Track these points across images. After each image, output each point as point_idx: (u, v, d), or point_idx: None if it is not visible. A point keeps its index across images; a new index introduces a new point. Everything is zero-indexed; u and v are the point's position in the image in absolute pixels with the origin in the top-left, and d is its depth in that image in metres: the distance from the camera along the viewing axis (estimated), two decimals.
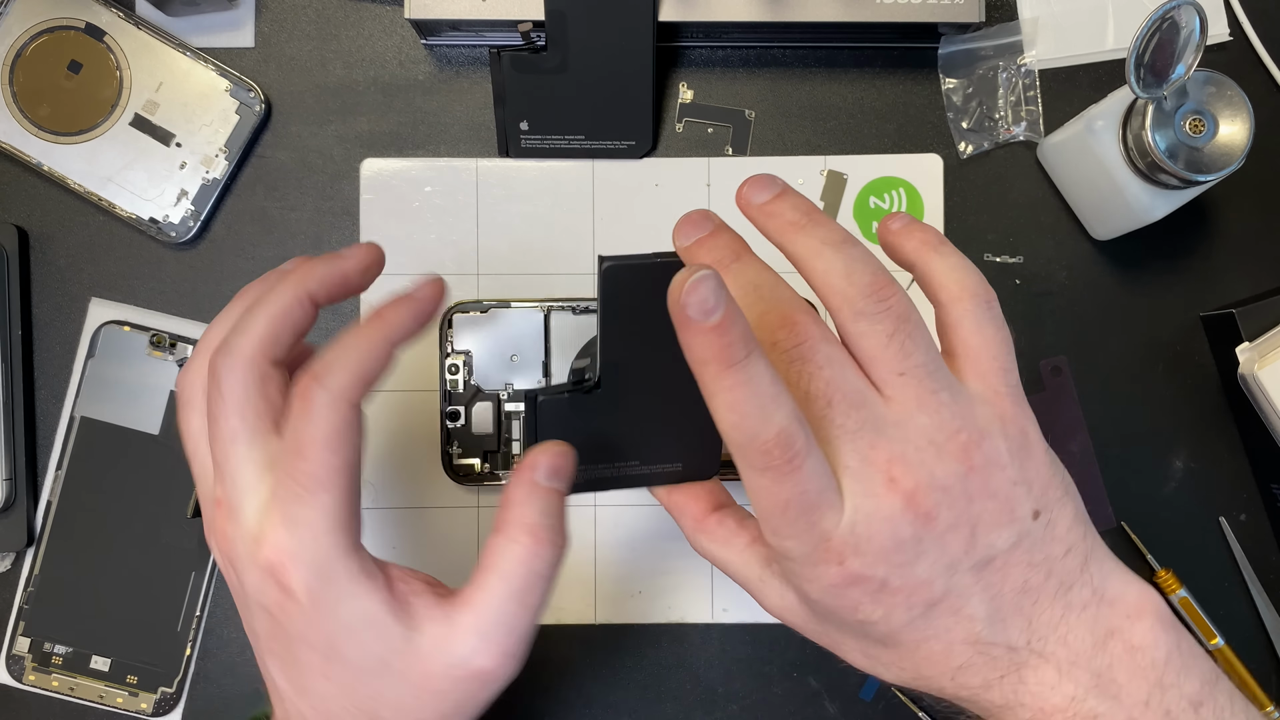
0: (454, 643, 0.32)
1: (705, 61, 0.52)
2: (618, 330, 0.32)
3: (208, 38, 0.52)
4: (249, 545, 0.31)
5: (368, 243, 0.35)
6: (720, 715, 0.51)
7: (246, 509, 0.32)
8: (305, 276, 0.33)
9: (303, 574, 0.31)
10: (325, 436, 0.30)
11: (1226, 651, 0.51)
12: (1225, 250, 0.52)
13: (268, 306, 0.33)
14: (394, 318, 0.32)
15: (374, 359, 0.31)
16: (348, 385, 0.31)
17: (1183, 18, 0.40)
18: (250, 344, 0.32)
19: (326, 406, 0.30)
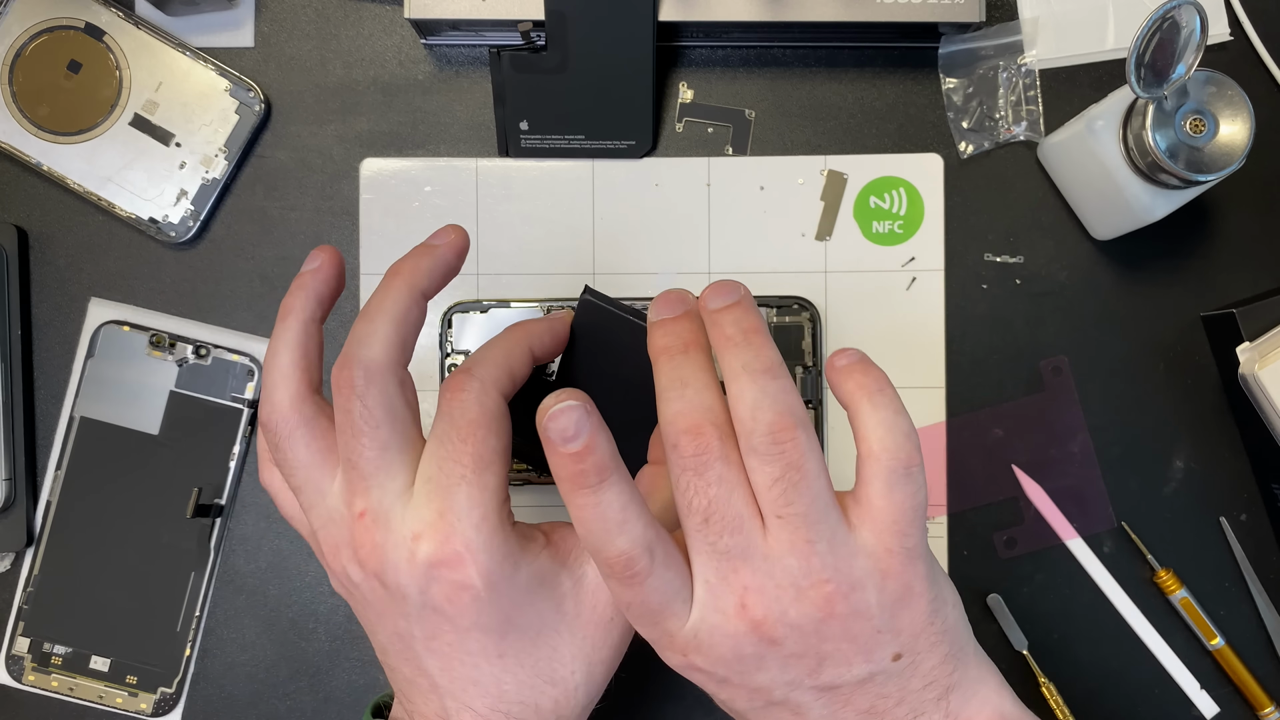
0: None
1: (705, 61, 0.52)
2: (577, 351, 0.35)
3: (207, 37, 0.52)
4: (407, 547, 0.32)
5: (453, 226, 0.36)
6: (720, 715, 0.51)
7: (398, 512, 0.32)
8: (413, 274, 0.34)
9: (481, 560, 0.31)
10: (484, 419, 0.32)
11: (1226, 651, 0.51)
12: (1225, 250, 0.52)
13: (388, 311, 0.33)
14: (535, 328, 0.35)
15: (521, 359, 0.34)
16: (497, 377, 0.33)
17: (1183, 17, 0.40)
18: (383, 351, 0.33)
19: (480, 393, 0.32)
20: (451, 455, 0.32)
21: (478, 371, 0.33)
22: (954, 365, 0.51)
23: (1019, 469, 0.51)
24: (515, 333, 0.34)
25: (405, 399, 0.33)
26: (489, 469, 0.32)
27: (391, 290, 0.34)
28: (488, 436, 0.32)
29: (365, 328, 0.33)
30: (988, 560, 0.51)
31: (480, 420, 0.32)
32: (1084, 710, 0.51)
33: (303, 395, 0.34)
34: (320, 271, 0.35)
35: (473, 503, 0.31)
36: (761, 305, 0.50)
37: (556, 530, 0.35)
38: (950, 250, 0.52)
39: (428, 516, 0.31)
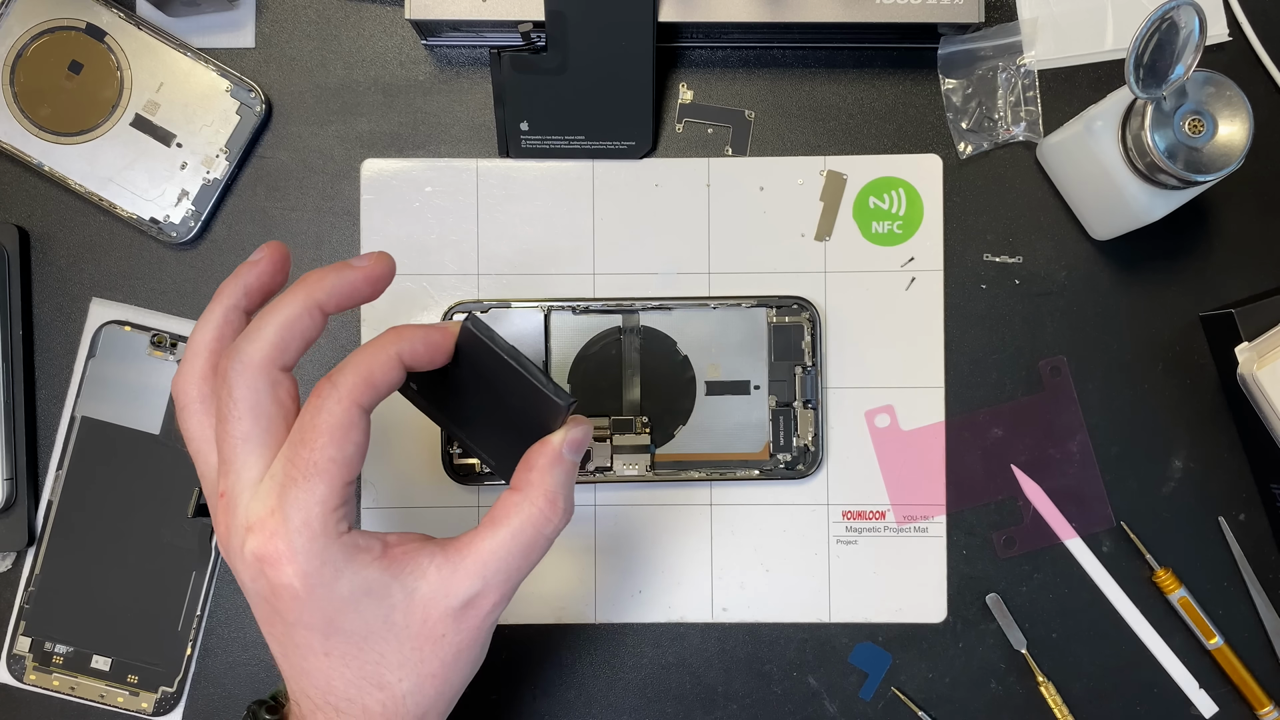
0: (456, 584, 0.34)
1: (705, 61, 0.52)
2: (459, 367, 0.36)
3: (208, 38, 0.52)
4: (240, 537, 0.33)
5: (379, 253, 0.36)
6: (720, 715, 0.52)
7: (244, 501, 0.33)
8: (314, 287, 0.35)
9: (298, 563, 0.33)
10: (329, 428, 0.33)
11: (1226, 651, 0.51)
12: (1225, 250, 0.52)
13: (277, 315, 0.34)
14: (408, 334, 0.34)
15: (384, 370, 0.34)
16: (355, 385, 0.33)
17: (1182, 18, 0.40)
18: (261, 351, 0.34)
19: (333, 401, 0.33)
20: (292, 457, 0.33)
21: (338, 379, 0.33)
22: (953, 365, 0.52)
23: (1018, 469, 0.52)
24: (386, 340, 0.34)
25: (275, 397, 0.34)
26: (321, 476, 0.32)
27: (290, 296, 0.35)
28: (328, 445, 0.32)
29: (255, 325, 0.34)
30: (987, 560, 0.51)
31: (324, 428, 0.33)
32: (1083, 709, 0.51)
33: (205, 375, 0.36)
34: (257, 266, 0.37)
35: (298, 506, 0.32)
36: (761, 305, 0.51)
37: (400, 543, 0.35)
38: (949, 250, 0.52)
39: (260, 512, 0.33)
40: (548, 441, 0.36)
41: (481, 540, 0.35)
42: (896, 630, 0.51)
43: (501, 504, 0.36)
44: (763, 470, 0.51)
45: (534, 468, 0.36)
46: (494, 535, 0.35)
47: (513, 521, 0.35)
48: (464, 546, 0.35)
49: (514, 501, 0.36)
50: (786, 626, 0.51)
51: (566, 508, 0.36)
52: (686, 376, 0.51)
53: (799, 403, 0.51)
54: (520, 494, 0.36)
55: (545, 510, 0.35)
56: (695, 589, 0.51)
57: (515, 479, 0.36)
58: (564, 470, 0.36)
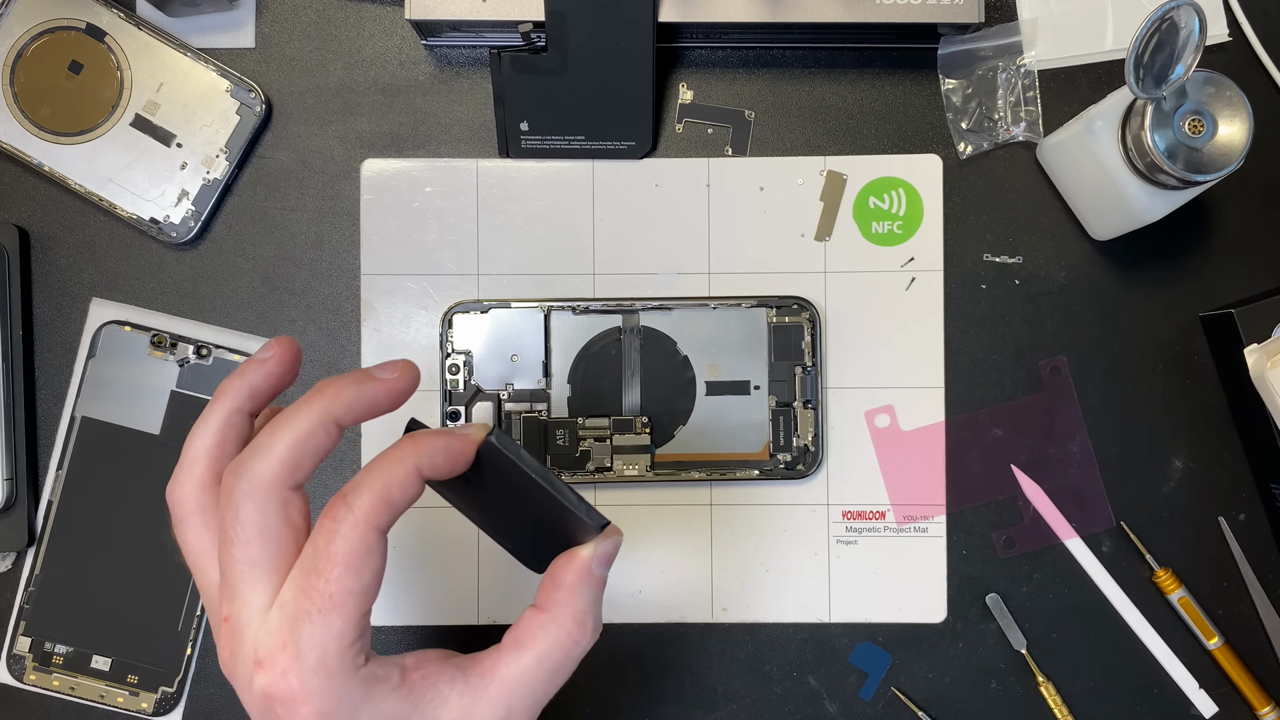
0: (478, 712, 0.32)
1: (705, 62, 0.52)
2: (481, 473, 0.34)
3: (208, 38, 0.52)
4: (248, 669, 0.31)
5: (404, 364, 0.34)
6: (720, 715, 0.52)
7: (252, 630, 0.31)
8: (332, 401, 0.32)
9: (314, 703, 0.30)
10: (345, 557, 0.30)
11: (1226, 651, 0.51)
12: (1225, 250, 0.52)
13: (290, 430, 0.32)
14: (428, 445, 0.32)
15: (402, 487, 0.31)
16: (373, 507, 0.31)
17: (1182, 18, 0.40)
18: (271, 469, 0.31)
19: (349, 526, 0.31)
20: (305, 588, 0.30)
21: (353, 500, 0.31)
22: (953, 365, 0.52)
23: (1018, 469, 0.52)
24: (404, 451, 0.32)
25: (286, 518, 0.32)
26: (338, 609, 0.30)
27: (305, 410, 0.32)
28: (344, 575, 0.30)
29: (265, 439, 0.32)
30: (986, 560, 0.51)
31: (340, 557, 0.30)
32: (1082, 709, 0.51)
33: (205, 484, 0.34)
34: (266, 365, 0.34)
35: (314, 643, 0.30)
36: (761, 305, 0.51)
37: (418, 666, 0.33)
38: (949, 250, 0.52)
39: (271, 645, 0.31)
40: (576, 555, 0.34)
41: (506, 665, 0.33)
42: (896, 630, 0.51)
43: (526, 624, 0.33)
44: (763, 470, 0.51)
45: (560, 585, 0.33)
46: (518, 660, 0.33)
47: (538, 645, 0.33)
48: (486, 671, 0.33)
49: (539, 623, 0.33)
50: (786, 626, 0.51)
51: (595, 627, 0.34)
52: (686, 376, 0.51)
53: (799, 403, 0.51)
54: (546, 614, 0.33)
55: (574, 633, 0.33)
56: (695, 589, 0.51)
57: (541, 596, 0.34)
58: (593, 588, 0.34)
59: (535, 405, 0.51)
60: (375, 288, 0.52)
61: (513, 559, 0.37)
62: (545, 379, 0.51)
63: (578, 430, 0.51)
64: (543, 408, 0.51)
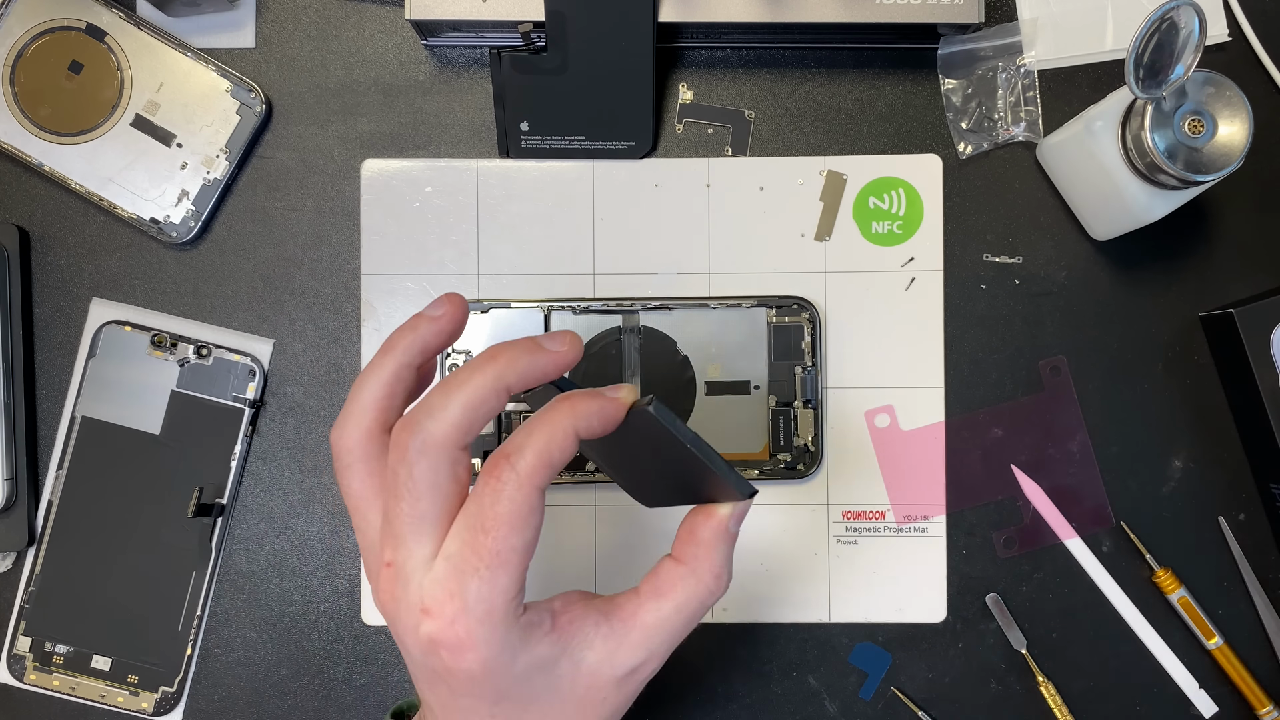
0: (621, 656, 0.34)
1: (705, 62, 0.52)
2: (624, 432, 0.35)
3: (208, 38, 0.52)
4: (414, 615, 0.33)
5: (571, 337, 0.35)
6: (720, 715, 0.52)
7: (417, 577, 0.33)
8: (506, 369, 0.33)
9: (479, 651, 0.32)
10: (510, 516, 0.32)
11: (1226, 651, 0.51)
12: (1225, 250, 0.52)
13: (464, 392, 0.33)
14: (584, 408, 0.33)
15: (562, 448, 0.33)
16: (536, 468, 0.32)
17: (1182, 18, 0.40)
18: (445, 430, 0.33)
19: (514, 487, 0.32)
20: (471, 544, 0.32)
21: (517, 461, 0.32)
22: (953, 365, 0.52)
23: (1018, 468, 0.52)
24: (562, 413, 0.33)
25: (455, 475, 0.33)
26: (505, 566, 0.32)
27: (479, 374, 0.33)
28: (510, 534, 0.32)
29: (439, 400, 0.33)
30: (986, 559, 0.51)
31: (506, 516, 0.32)
32: (1082, 709, 0.51)
33: (371, 433, 0.35)
34: (437, 323, 0.36)
35: (480, 597, 0.32)
36: (761, 305, 0.51)
37: (565, 609, 0.35)
38: (949, 250, 0.52)
39: (439, 595, 0.32)
40: (714, 514, 0.35)
41: (647, 613, 0.35)
42: (896, 630, 0.51)
43: (666, 575, 0.35)
44: (762, 470, 0.51)
45: (700, 542, 0.35)
46: (658, 608, 0.35)
47: (678, 595, 0.35)
48: (629, 617, 0.35)
49: (679, 575, 0.35)
50: (786, 626, 0.51)
51: (728, 579, 0.36)
52: (686, 376, 0.51)
53: (799, 403, 0.51)
54: (686, 567, 0.35)
55: (711, 585, 0.35)
56: None
57: (679, 549, 0.36)
58: (729, 544, 0.36)
59: None
60: (375, 288, 0.52)
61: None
62: None
63: None
64: None
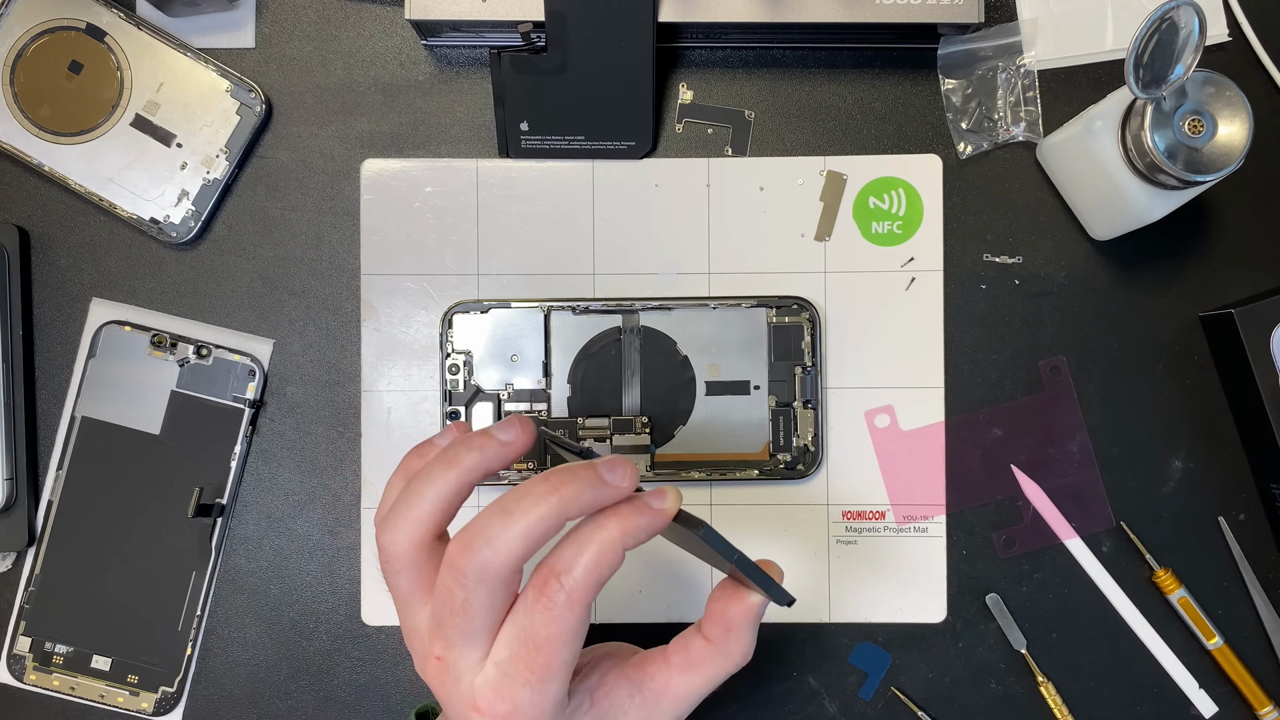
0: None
1: (705, 62, 0.52)
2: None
3: (208, 38, 0.52)
4: (465, 709, 0.34)
5: (628, 467, 0.35)
6: (720, 715, 0.52)
7: (468, 677, 0.34)
8: (569, 504, 0.33)
9: None
10: (564, 635, 0.33)
11: (1226, 651, 0.51)
12: (1225, 250, 0.52)
13: (528, 523, 0.33)
14: (632, 524, 0.34)
15: (611, 564, 0.33)
16: (586, 588, 0.33)
17: (1181, 18, 0.40)
18: (504, 560, 0.33)
19: (564, 606, 0.33)
20: (523, 657, 0.33)
21: (567, 581, 0.33)
22: (953, 365, 0.52)
23: (1018, 469, 0.52)
24: (611, 531, 0.33)
25: (509, 593, 0.34)
26: (555, 678, 0.33)
27: (543, 504, 0.33)
28: (560, 650, 0.33)
29: (500, 528, 0.33)
30: (986, 560, 0.51)
31: (559, 636, 0.33)
32: (1082, 709, 0.51)
33: (424, 543, 0.36)
34: (507, 449, 0.36)
35: (532, 704, 0.33)
36: (761, 305, 0.51)
37: (601, 684, 0.36)
38: (949, 250, 0.52)
39: (490, 697, 0.34)
40: (745, 599, 0.37)
41: (677, 685, 0.36)
42: (896, 630, 0.51)
43: (695, 652, 0.37)
44: (763, 470, 0.51)
45: (732, 627, 0.36)
46: (689, 681, 0.36)
47: (708, 672, 0.37)
48: (660, 690, 0.36)
49: (710, 653, 0.37)
50: (786, 626, 0.51)
51: (752, 652, 0.37)
52: (686, 376, 0.51)
53: (799, 403, 0.51)
54: (715, 647, 0.37)
55: (738, 660, 0.37)
56: (695, 589, 0.51)
57: (710, 629, 0.37)
58: (756, 624, 0.37)
59: (535, 405, 0.51)
60: (375, 288, 0.52)
61: None
62: (545, 379, 0.51)
63: (578, 430, 0.51)
64: (543, 408, 0.51)
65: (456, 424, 0.39)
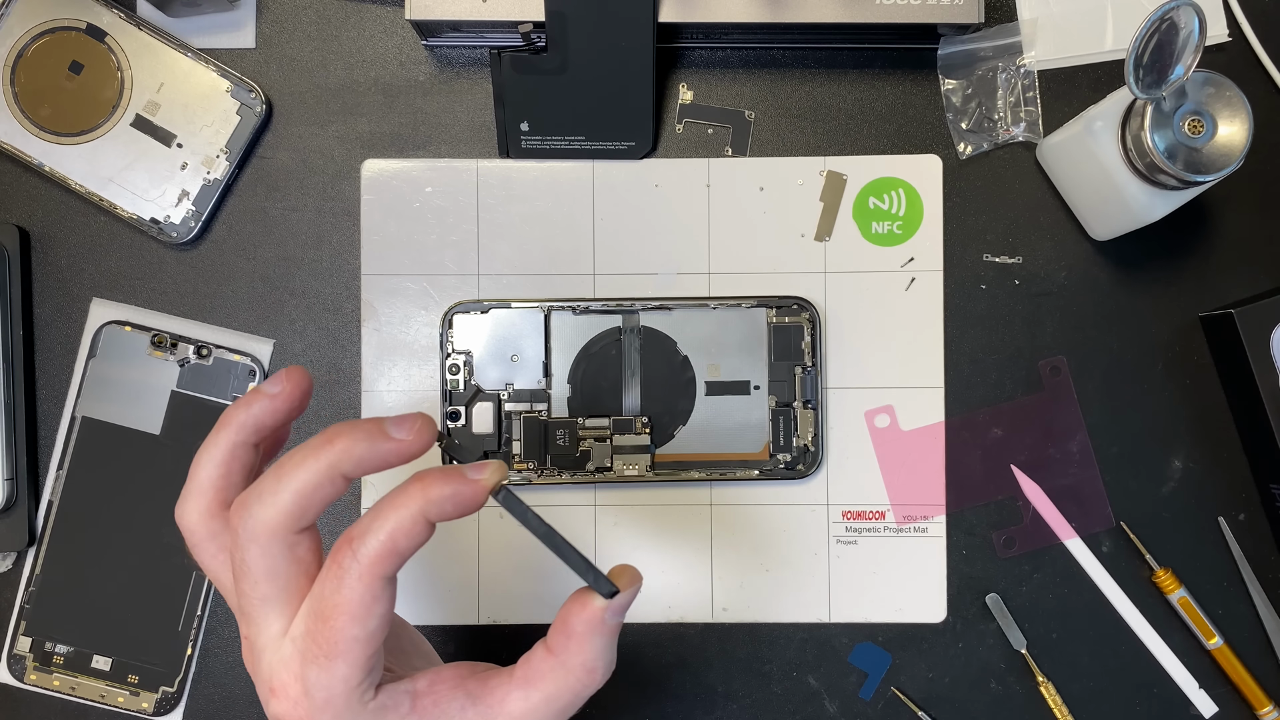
0: None
1: (705, 62, 0.52)
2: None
3: (209, 38, 0.52)
4: (265, 691, 0.33)
5: (421, 424, 0.33)
6: (720, 715, 0.52)
7: (268, 655, 0.33)
8: (342, 456, 0.32)
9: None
10: (349, 605, 0.31)
11: (1226, 651, 0.51)
12: (1224, 250, 0.52)
13: (295, 479, 0.32)
14: (436, 492, 0.31)
15: (410, 535, 0.31)
16: (379, 557, 0.31)
17: (1181, 18, 0.40)
18: (274, 516, 0.32)
19: (355, 576, 0.31)
20: (311, 632, 0.31)
21: (359, 548, 0.31)
22: (953, 365, 0.52)
23: (1017, 469, 0.52)
24: (412, 496, 0.31)
25: (293, 558, 0.32)
26: (343, 655, 0.31)
27: (312, 460, 0.32)
28: (349, 623, 0.31)
29: (271, 485, 0.32)
30: (986, 560, 0.51)
31: (345, 606, 0.31)
32: (1082, 709, 0.51)
33: (211, 511, 0.34)
34: (274, 401, 0.34)
35: (319, 684, 0.31)
36: (761, 305, 0.51)
37: (429, 691, 0.33)
38: (949, 251, 0.52)
39: (283, 677, 0.32)
40: (589, 604, 0.33)
41: (514, 701, 0.33)
42: (896, 630, 0.51)
43: (537, 664, 0.33)
44: (762, 470, 0.51)
45: (572, 634, 0.33)
46: (527, 698, 0.33)
47: (546, 687, 0.33)
48: (496, 703, 0.33)
49: (549, 666, 0.33)
50: (786, 626, 0.51)
51: (606, 671, 0.34)
52: (686, 376, 0.51)
53: (799, 403, 0.51)
54: (556, 659, 0.33)
55: (583, 679, 0.33)
56: (695, 589, 0.51)
57: (552, 638, 0.34)
58: (605, 636, 0.33)
59: (535, 405, 0.51)
60: (375, 288, 0.52)
61: (513, 562, 0.37)
62: (545, 379, 0.51)
63: (578, 430, 0.51)
64: (543, 408, 0.51)
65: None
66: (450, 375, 0.51)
